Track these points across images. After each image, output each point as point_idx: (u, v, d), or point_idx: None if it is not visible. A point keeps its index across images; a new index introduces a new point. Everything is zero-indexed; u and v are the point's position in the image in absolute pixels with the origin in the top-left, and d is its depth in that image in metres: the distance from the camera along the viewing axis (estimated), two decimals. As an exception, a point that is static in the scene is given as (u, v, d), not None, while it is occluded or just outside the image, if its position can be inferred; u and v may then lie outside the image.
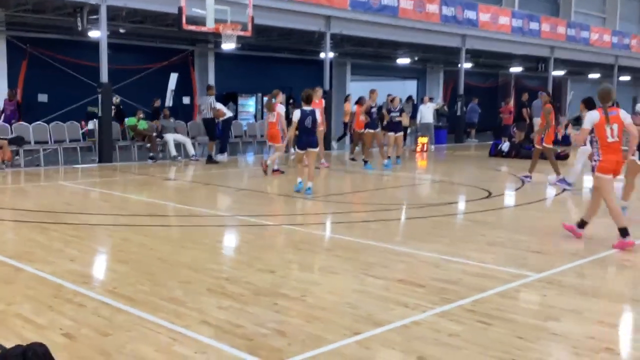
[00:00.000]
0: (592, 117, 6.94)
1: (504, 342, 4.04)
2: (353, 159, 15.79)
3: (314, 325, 4.29)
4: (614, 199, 6.91)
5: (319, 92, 14.70)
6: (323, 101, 14.90)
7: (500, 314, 4.57)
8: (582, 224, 7.12)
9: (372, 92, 14.62)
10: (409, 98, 23.31)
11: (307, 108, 10.42)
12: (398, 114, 14.73)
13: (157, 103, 17.49)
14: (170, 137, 15.66)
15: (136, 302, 4.71)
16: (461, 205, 10.06)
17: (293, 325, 4.28)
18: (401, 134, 15.20)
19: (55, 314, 4.44)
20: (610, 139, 6.86)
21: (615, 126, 6.85)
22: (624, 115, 6.95)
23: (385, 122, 14.86)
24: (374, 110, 14.48)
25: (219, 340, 3.99)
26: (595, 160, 7.13)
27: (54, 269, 5.59)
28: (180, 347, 3.91)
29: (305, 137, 10.38)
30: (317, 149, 10.62)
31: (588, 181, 11.46)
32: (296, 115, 10.53)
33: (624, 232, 6.67)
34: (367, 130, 14.59)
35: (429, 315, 4.54)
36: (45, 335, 4.01)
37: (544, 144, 12.13)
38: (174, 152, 15.57)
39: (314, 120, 10.37)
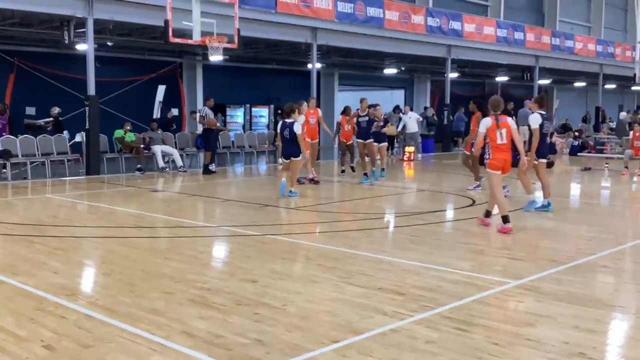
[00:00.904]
0: (486, 123, 8.19)
1: (479, 349, 4.11)
2: (352, 169, 15.45)
3: (294, 334, 4.35)
4: (500, 191, 8.17)
5: (312, 102, 14.68)
6: (319, 111, 14.81)
7: (477, 320, 4.65)
8: (487, 214, 8.28)
9: (362, 101, 14.32)
10: (396, 108, 23.45)
11: (287, 120, 11.05)
12: (366, 118, 13.88)
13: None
14: (158, 149, 15.72)
15: (117, 313, 4.75)
16: (444, 214, 10.17)
17: (273, 335, 4.34)
18: (384, 144, 14.56)
19: (36, 326, 4.48)
20: (499, 141, 8.10)
21: (504, 130, 8.07)
22: (511, 122, 8.29)
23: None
24: (363, 119, 13.99)
25: (199, 351, 4.04)
26: (486, 159, 8.35)
27: (36, 281, 5.62)
28: (160, 357, 3.96)
29: (286, 147, 11.09)
30: (298, 158, 11.02)
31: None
32: (279, 126, 11.46)
33: (505, 219, 7.97)
34: (358, 140, 14.20)
35: (407, 322, 4.61)
36: (26, 347, 4.06)
37: (472, 150, 12.18)
38: (161, 163, 15.63)
39: (292, 132, 10.88)
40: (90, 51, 14.46)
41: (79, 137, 15.37)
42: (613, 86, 35.38)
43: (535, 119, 9.36)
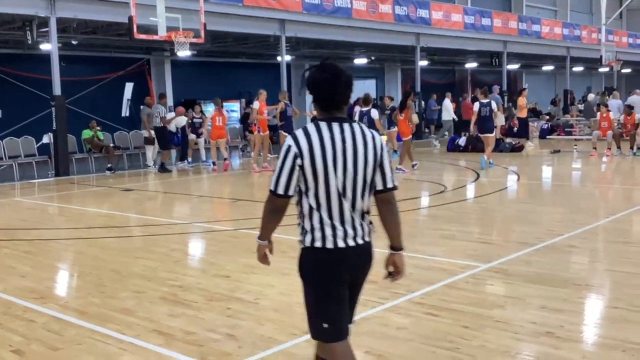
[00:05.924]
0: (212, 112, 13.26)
1: (450, 332, 4.16)
2: None
3: (266, 327, 4.35)
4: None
5: (264, 94, 14.27)
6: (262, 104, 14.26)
7: (447, 305, 4.70)
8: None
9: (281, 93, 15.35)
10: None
11: (363, 109, 12.88)
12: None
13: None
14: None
15: (87, 315, 4.71)
16: (416, 201, 10.23)
17: (245, 329, 4.33)
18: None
19: (4, 331, 4.42)
20: (217, 124, 14.15)
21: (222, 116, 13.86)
22: (224, 112, 12.85)
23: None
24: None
25: (170, 348, 4.03)
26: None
27: (4, 286, 5.54)
28: (130, 357, 3.93)
29: None
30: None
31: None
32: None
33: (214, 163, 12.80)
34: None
35: (379, 310, 4.64)
36: (-6, 354, 4.01)
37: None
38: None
39: (370, 119, 12.48)
40: (54, 51, 14.20)
41: (47, 139, 15.10)
42: (581, 69, 35.80)
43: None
